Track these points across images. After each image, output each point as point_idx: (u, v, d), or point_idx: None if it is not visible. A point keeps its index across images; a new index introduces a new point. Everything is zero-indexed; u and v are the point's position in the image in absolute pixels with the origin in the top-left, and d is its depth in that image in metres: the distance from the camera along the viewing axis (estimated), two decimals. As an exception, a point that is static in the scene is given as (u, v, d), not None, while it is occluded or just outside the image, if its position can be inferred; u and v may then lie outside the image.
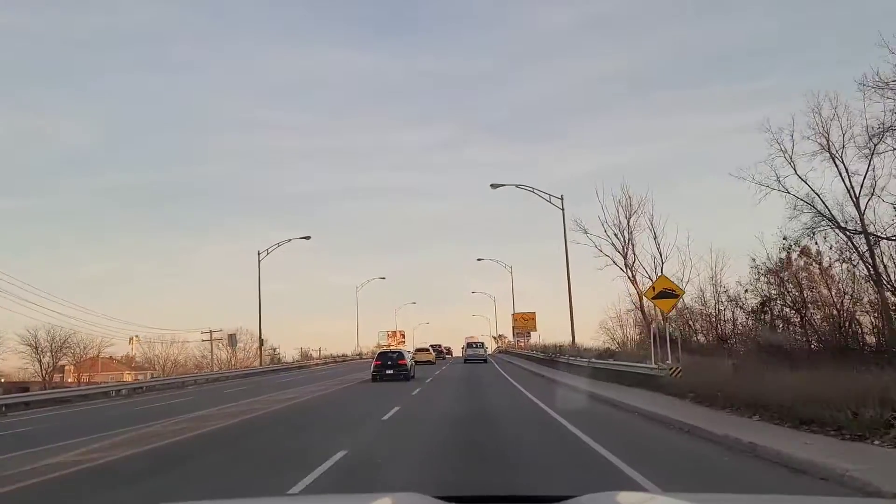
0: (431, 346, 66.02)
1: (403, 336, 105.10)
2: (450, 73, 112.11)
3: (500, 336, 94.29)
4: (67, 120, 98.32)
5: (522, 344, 67.94)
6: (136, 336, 63.93)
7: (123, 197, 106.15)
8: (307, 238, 54.69)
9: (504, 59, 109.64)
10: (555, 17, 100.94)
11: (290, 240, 53.51)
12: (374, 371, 33.37)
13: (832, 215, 23.85)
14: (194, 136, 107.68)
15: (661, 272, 32.85)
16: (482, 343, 58.91)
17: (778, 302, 25.94)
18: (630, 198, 35.96)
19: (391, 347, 60.93)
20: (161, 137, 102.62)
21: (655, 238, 34.91)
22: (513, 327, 73.24)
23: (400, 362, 33.67)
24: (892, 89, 21.17)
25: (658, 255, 34.77)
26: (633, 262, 35.89)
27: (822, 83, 68.15)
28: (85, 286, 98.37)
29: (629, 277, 36.03)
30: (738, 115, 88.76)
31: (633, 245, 35.79)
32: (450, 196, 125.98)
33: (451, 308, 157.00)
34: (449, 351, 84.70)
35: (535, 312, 70.94)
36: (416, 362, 40.38)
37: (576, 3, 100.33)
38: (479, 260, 74.96)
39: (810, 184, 24.13)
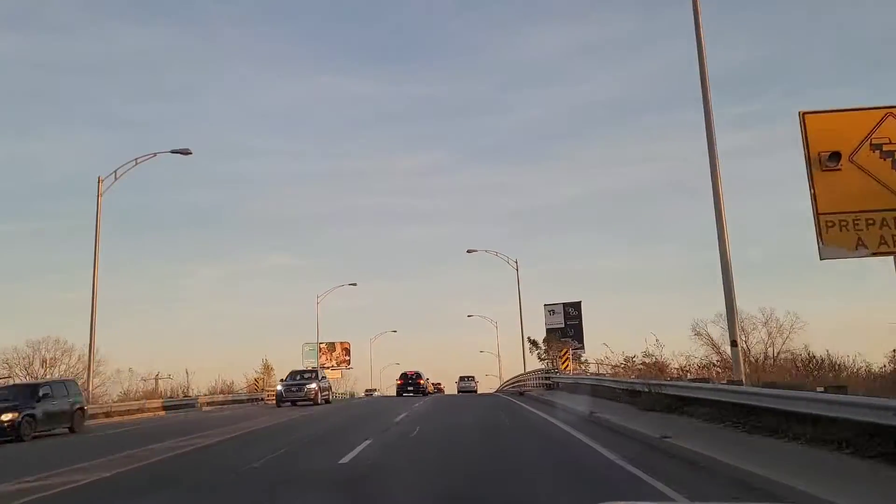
0: (433, 383, 62.15)
1: (348, 352, 66.28)
2: (444, 99, 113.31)
3: (543, 342, 40.67)
4: (62, 145, 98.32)
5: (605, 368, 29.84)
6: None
7: (117, 221, 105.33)
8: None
9: (497, 84, 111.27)
10: (547, 43, 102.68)
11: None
12: (398, 389, 42.67)
13: None
14: (188, 161, 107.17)
15: None
16: (472, 377, 66.51)
17: None
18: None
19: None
20: (154, 163, 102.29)
21: None
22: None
23: (419, 381, 42.58)
24: None
25: None
26: None
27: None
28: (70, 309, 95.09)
29: None
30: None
31: None
32: (446, 220, 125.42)
33: (444, 336, 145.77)
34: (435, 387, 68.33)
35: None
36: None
37: (568, 30, 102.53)
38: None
39: None
